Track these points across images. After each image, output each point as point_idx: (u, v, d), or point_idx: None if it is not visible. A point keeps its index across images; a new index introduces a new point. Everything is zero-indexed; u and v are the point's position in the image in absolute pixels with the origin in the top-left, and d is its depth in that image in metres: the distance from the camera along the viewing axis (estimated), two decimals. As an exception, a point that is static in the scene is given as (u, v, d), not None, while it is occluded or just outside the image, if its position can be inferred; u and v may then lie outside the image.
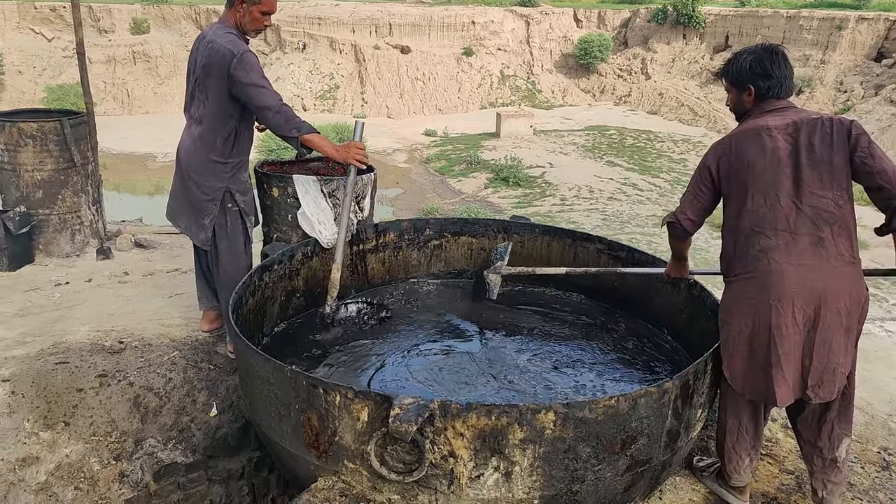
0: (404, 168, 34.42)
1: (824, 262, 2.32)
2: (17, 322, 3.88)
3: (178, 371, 3.45)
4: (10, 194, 4.84)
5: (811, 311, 2.31)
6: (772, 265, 2.35)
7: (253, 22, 3.26)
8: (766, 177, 2.38)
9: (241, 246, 3.48)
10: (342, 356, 3.20)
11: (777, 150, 2.37)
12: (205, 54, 3.20)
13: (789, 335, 2.33)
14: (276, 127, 3.19)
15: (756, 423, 2.55)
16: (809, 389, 2.36)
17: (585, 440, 2.22)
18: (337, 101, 43.22)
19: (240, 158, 3.41)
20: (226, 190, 3.38)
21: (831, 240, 2.33)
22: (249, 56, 3.15)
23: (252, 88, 3.13)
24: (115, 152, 31.98)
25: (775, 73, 2.46)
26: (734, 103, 2.60)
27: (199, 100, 3.30)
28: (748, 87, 2.50)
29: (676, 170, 33.60)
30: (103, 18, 43.70)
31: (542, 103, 46.65)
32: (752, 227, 2.40)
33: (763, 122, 2.44)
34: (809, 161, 2.34)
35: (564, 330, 3.58)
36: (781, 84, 2.47)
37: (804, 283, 2.30)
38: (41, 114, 5.22)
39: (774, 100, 2.49)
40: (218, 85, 3.18)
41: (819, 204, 2.33)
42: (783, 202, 2.35)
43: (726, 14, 45.88)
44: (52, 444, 3.07)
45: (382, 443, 2.17)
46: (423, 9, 47.54)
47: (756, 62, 2.48)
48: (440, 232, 4.03)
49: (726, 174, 2.47)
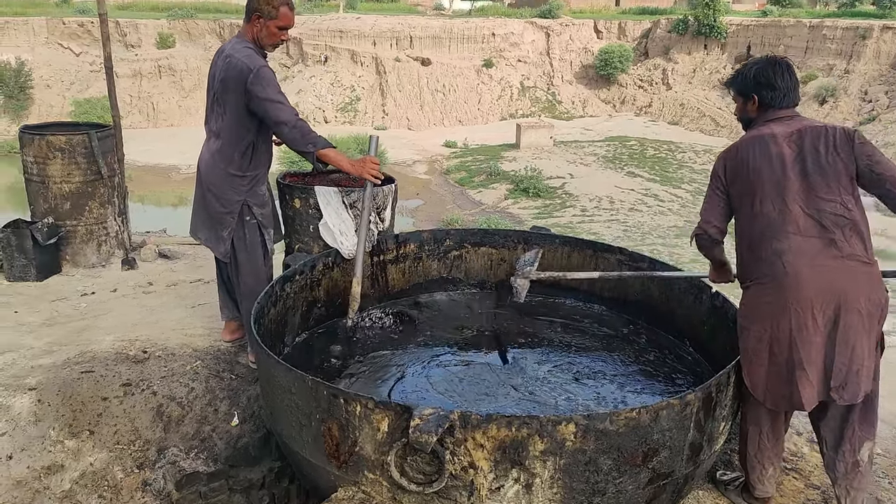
0: (424, 179, 34.52)
1: (839, 261, 2.32)
2: (44, 331, 3.94)
3: (200, 380, 3.48)
4: (38, 206, 4.93)
5: (831, 312, 2.30)
6: (787, 268, 2.35)
7: (270, 37, 3.29)
8: (773, 182, 2.42)
9: (260, 258, 3.51)
10: (363, 367, 3.21)
11: (782, 156, 2.42)
12: (223, 69, 3.24)
13: (810, 337, 2.32)
14: (292, 142, 3.23)
15: (777, 431, 2.54)
16: (833, 391, 2.34)
17: (606, 452, 2.20)
18: (358, 114, 43.52)
19: (257, 172, 3.44)
20: (244, 203, 3.41)
21: (844, 241, 2.33)
22: (266, 71, 3.18)
23: (268, 103, 3.16)
24: (140, 164, 32.48)
25: (779, 84, 2.52)
26: (740, 112, 2.67)
27: (217, 114, 3.34)
28: (753, 97, 2.57)
29: (698, 180, 33.30)
30: (130, 33, 44.51)
31: (562, 114, 46.59)
32: (762, 231, 2.43)
33: (768, 130, 2.50)
34: (815, 166, 2.39)
35: (585, 341, 3.56)
36: (786, 94, 2.53)
37: (822, 283, 2.30)
38: (69, 127, 5.32)
39: (779, 109, 2.54)
40: (235, 99, 3.22)
41: (828, 208, 2.36)
42: (791, 206, 2.38)
43: (748, 24, 45.57)
44: (77, 452, 3.11)
45: (402, 453, 2.17)
46: (444, 21, 47.84)
47: (761, 73, 2.54)
48: (460, 243, 4.03)
49: (733, 179, 2.53)
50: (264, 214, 3.50)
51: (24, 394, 3.22)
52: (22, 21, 43.21)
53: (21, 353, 3.60)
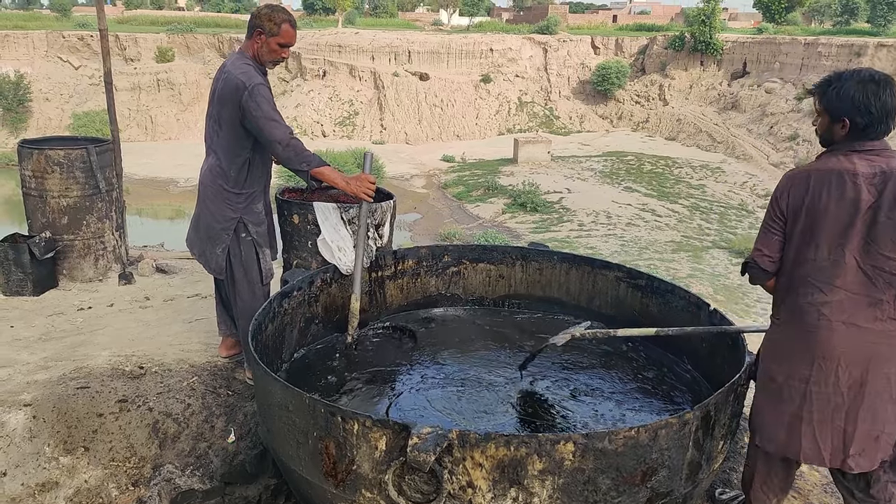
0: (422, 193, 34.60)
1: (879, 324, 2.20)
2: (39, 346, 3.93)
3: (196, 397, 3.46)
4: (36, 220, 4.93)
5: (857, 375, 2.21)
6: (821, 321, 2.23)
7: (270, 53, 3.30)
8: (838, 229, 2.20)
9: (257, 275, 3.49)
10: (360, 383, 3.19)
11: (858, 202, 2.17)
12: (220, 85, 3.24)
13: (828, 395, 2.23)
14: (287, 161, 3.23)
15: (788, 468, 2.48)
16: (850, 458, 2.25)
17: (605, 471, 2.19)
18: (356, 128, 43.70)
19: (253, 189, 3.43)
20: (239, 220, 3.40)
21: (890, 303, 2.19)
22: (262, 88, 3.17)
23: (263, 121, 3.15)
24: (137, 178, 32.52)
25: (877, 111, 2.19)
26: (823, 130, 2.32)
27: (213, 130, 3.33)
28: (843, 120, 2.24)
29: (695, 196, 33.44)
30: (129, 47, 44.73)
31: (559, 129, 46.81)
32: (808, 276, 2.27)
33: (850, 166, 2.21)
34: (888, 218, 2.15)
35: (583, 358, 3.55)
36: (881, 122, 2.21)
37: (854, 343, 2.20)
38: (68, 141, 5.33)
39: (868, 141, 2.23)
40: (231, 115, 3.21)
41: (886, 266, 2.17)
42: (847, 258, 2.20)
43: (744, 41, 45.96)
44: (72, 469, 3.09)
45: (400, 472, 2.16)
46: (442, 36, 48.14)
47: (861, 93, 2.20)
48: (459, 259, 4.03)
49: (794, 210, 2.28)
50: (259, 233, 3.48)
51: (20, 410, 3.19)
52: (22, 35, 43.42)
53: (16, 369, 3.58)
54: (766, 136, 39.72)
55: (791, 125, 39.36)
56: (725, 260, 25.55)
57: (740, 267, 2.56)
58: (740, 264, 2.52)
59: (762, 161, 37.80)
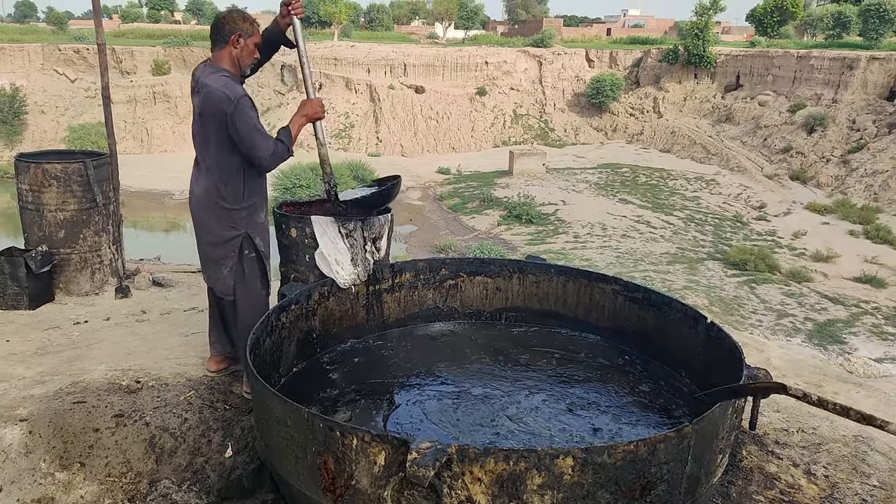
0: (418, 205, 34.65)
1: None
2: (35, 361, 3.91)
3: (193, 411, 3.45)
4: (32, 234, 4.92)
5: None
6: None
7: (250, 55, 3.30)
8: None
9: (259, 291, 3.48)
10: (358, 396, 3.19)
11: None
12: (201, 101, 3.20)
13: None
14: (272, 166, 3.30)
15: None
16: None
17: (604, 486, 2.19)
18: (352, 140, 43.78)
19: (254, 200, 3.40)
20: (243, 237, 3.37)
21: None
22: (245, 101, 3.16)
23: (247, 138, 3.16)
24: (133, 190, 32.48)
25: None
26: None
27: (203, 147, 3.31)
28: None
29: (690, 207, 33.56)
30: (125, 60, 44.82)
31: (554, 142, 46.99)
32: None
33: None
34: None
35: (580, 371, 3.55)
36: None
37: None
38: (65, 155, 5.33)
39: None
40: (217, 130, 3.18)
41: None
42: None
43: (737, 54, 46.32)
44: (68, 484, 3.07)
45: (399, 487, 2.15)
46: (438, 49, 48.38)
47: None
48: (456, 272, 4.04)
49: None
50: (266, 242, 3.47)
51: (15, 425, 3.17)
52: (18, 47, 43.45)
53: (12, 383, 3.57)
54: (759, 149, 39.96)
55: (784, 137, 39.60)
56: (720, 271, 25.57)
57: None
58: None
59: (756, 173, 38.00)
